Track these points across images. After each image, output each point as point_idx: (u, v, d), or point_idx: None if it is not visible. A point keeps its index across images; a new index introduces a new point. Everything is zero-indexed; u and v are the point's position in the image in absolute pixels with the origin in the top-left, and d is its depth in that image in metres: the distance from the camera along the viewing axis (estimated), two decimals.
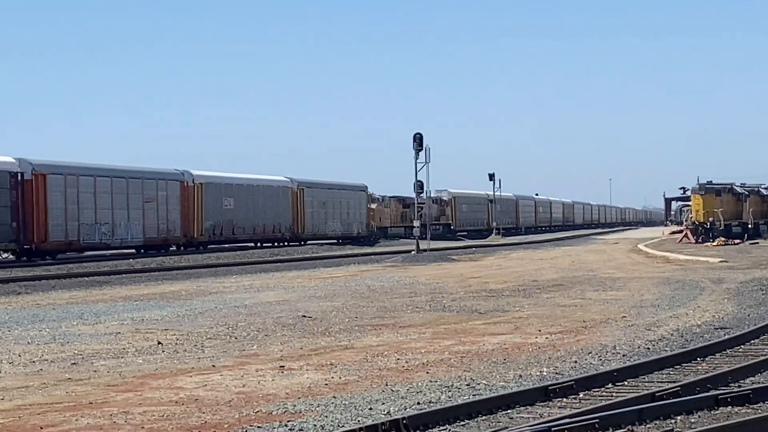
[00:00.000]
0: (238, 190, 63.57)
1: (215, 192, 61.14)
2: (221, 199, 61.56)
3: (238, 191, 63.57)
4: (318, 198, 73.32)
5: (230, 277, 37.51)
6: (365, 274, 37.54)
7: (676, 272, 34.94)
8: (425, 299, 25.74)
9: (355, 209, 79.02)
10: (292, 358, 15.53)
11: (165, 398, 12.24)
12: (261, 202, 65.87)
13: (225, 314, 22.60)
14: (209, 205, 60.18)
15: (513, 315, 21.54)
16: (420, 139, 53.75)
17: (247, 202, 64.05)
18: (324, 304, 24.85)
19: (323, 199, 73.98)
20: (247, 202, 64.05)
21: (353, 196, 79.06)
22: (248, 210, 64.15)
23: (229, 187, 62.77)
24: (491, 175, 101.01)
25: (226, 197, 62.03)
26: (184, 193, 57.98)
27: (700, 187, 65.08)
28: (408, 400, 11.79)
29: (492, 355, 15.50)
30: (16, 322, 21.65)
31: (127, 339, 18.27)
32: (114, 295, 29.37)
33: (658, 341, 16.70)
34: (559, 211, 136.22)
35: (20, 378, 13.99)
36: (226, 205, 61.85)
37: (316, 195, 73.16)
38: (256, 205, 65.22)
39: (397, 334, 18.38)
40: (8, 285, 32.96)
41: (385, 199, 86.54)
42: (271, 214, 66.76)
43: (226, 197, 62.03)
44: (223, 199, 61.75)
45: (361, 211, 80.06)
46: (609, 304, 23.36)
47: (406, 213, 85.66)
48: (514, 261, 47.99)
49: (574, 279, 32.45)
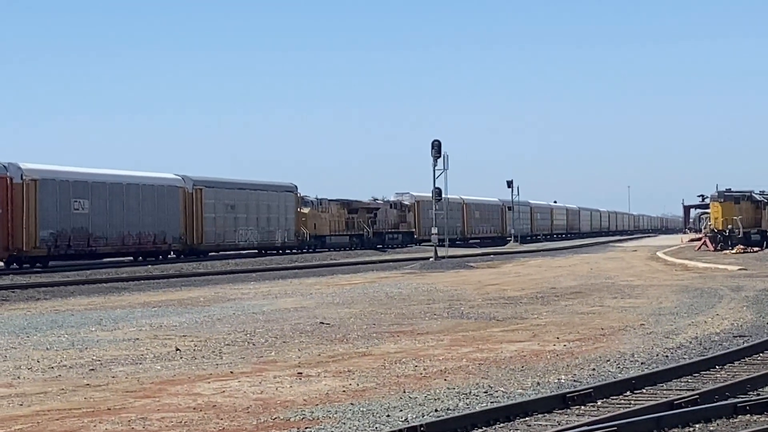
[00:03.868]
0: (96, 190, 51.19)
1: (59, 191, 48.57)
2: (69, 200, 49.18)
3: (97, 191, 51.27)
4: (223, 200, 61.45)
5: (248, 283, 37.56)
6: (383, 281, 37.53)
7: (694, 280, 34.81)
8: (443, 306, 25.71)
9: (280, 214, 67.25)
10: (310, 364, 15.53)
11: (183, 404, 12.25)
12: (134, 205, 53.76)
13: (243, 321, 22.63)
14: (48, 209, 47.63)
15: (531, 322, 21.50)
16: (438, 147, 53.75)
17: (111, 205, 51.93)
18: (342, 310, 24.84)
19: (231, 202, 62.09)
20: (111, 204, 51.93)
21: (276, 197, 67.21)
22: (113, 215, 51.96)
23: (81, 186, 50.26)
24: (509, 182, 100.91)
25: (77, 198, 49.71)
26: (4, 192, 45.37)
27: (719, 194, 64.88)
28: (426, 407, 11.78)
29: (510, 362, 15.47)
30: (35, 327, 21.71)
31: (146, 345, 18.30)
32: (132, 301, 29.45)
33: (676, 349, 16.64)
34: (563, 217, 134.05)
35: (39, 383, 14.03)
36: (77, 209, 49.58)
37: (220, 196, 61.17)
38: (126, 208, 53.00)
39: (415, 341, 18.36)
40: (27, 291, 33.09)
41: (323, 203, 74.06)
42: (150, 221, 54.66)
43: (77, 198, 49.71)
44: (72, 201, 49.44)
45: (288, 216, 68.23)
46: (627, 312, 23.29)
47: (353, 219, 76.45)
48: (533, 268, 47.90)
49: (592, 286, 32.38)
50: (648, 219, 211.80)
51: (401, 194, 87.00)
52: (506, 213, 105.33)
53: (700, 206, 79.05)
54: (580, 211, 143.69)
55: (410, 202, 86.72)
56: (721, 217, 63.27)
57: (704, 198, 71.09)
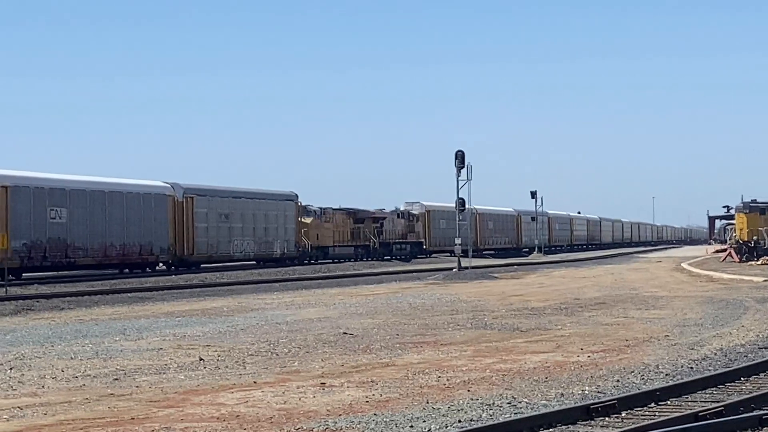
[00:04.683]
0: (75, 198, 48.13)
1: (33, 199, 45.67)
2: (44, 208, 46.09)
3: (76, 199, 48.15)
4: (216, 209, 58.75)
5: (272, 293, 37.63)
6: (406, 292, 37.51)
7: (719, 291, 34.66)
8: (466, 317, 25.68)
9: (279, 224, 64.59)
10: (333, 374, 15.53)
11: (206, 414, 12.27)
12: (118, 214, 50.79)
13: (266, 331, 22.66)
14: (21, 217, 44.83)
15: (555, 333, 21.44)
16: (462, 157, 53.65)
17: (91, 214, 48.90)
18: (365, 321, 24.85)
19: (225, 211, 59.46)
20: (91, 213, 48.92)
21: (275, 206, 64.46)
22: (94, 224, 48.91)
23: (58, 193, 47.23)
24: (533, 192, 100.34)
25: (54, 207, 46.66)
26: None
27: (744, 205, 64.64)
28: (449, 417, 11.75)
29: (533, 373, 15.43)
30: (60, 337, 21.80)
31: (169, 355, 18.35)
32: (156, 310, 29.53)
33: (701, 360, 16.56)
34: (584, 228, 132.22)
35: (63, 393, 14.08)
36: (53, 218, 46.56)
37: (213, 205, 58.57)
38: (109, 217, 50.08)
39: (439, 352, 18.34)
40: (51, 300, 33.23)
41: (326, 212, 71.17)
42: (136, 231, 51.68)
43: (54, 207, 46.66)
44: (49, 209, 46.35)
45: (288, 226, 65.54)
46: (652, 323, 23.20)
47: (359, 229, 73.71)
48: (556, 279, 47.80)
49: (616, 297, 32.28)
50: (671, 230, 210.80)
51: (410, 203, 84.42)
52: (522, 223, 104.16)
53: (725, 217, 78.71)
54: (601, 222, 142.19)
55: (419, 211, 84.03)
56: (746, 228, 63.02)
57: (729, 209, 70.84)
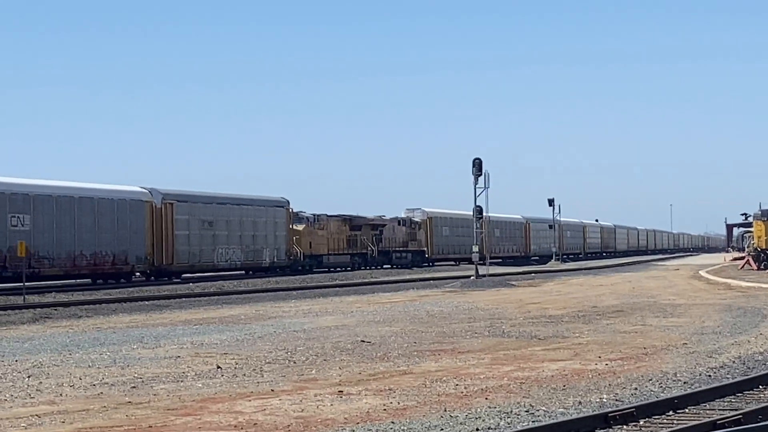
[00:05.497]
0: (40, 204, 45.20)
1: None
2: (5, 215, 43.50)
3: (41, 205, 45.27)
4: (199, 216, 55.93)
5: (289, 301, 37.62)
6: (424, 300, 37.48)
7: (737, 299, 34.55)
8: (484, 325, 25.64)
9: (268, 231, 61.75)
10: (351, 382, 15.52)
11: (224, 422, 12.27)
12: (88, 222, 47.91)
13: (284, 338, 22.65)
14: None
15: (573, 341, 21.39)
16: (479, 165, 53.70)
17: (58, 221, 46.05)
18: (383, 328, 24.83)
19: (209, 218, 56.71)
20: (58, 220, 46.06)
21: (264, 213, 61.55)
22: (62, 232, 46.09)
23: (21, 199, 44.39)
24: (551, 200, 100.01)
25: (14, 213, 43.95)
26: None
27: (762, 213, 64.47)
28: (467, 425, 11.73)
29: (551, 381, 15.40)
30: (77, 345, 21.84)
31: (187, 363, 18.36)
32: (174, 318, 29.56)
33: (719, 368, 16.51)
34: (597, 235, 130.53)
35: (81, 401, 14.10)
36: (14, 225, 43.77)
37: (195, 211, 55.65)
38: (78, 225, 47.20)
39: (456, 360, 18.31)
40: (69, 308, 33.31)
41: (320, 219, 68.58)
42: (108, 239, 48.79)
43: (14, 213, 43.95)
44: (9, 216, 43.66)
45: (278, 233, 62.68)
46: (670, 331, 23.13)
47: (356, 237, 71.22)
48: (574, 287, 47.70)
49: (634, 305, 32.19)
50: (688, 237, 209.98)
51: (412, 210, 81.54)
52: (530, 231, 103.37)
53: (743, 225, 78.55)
54: (616, 229, 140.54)
55: (421, 218, 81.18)
56: (764, 236, 62.83)
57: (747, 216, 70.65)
